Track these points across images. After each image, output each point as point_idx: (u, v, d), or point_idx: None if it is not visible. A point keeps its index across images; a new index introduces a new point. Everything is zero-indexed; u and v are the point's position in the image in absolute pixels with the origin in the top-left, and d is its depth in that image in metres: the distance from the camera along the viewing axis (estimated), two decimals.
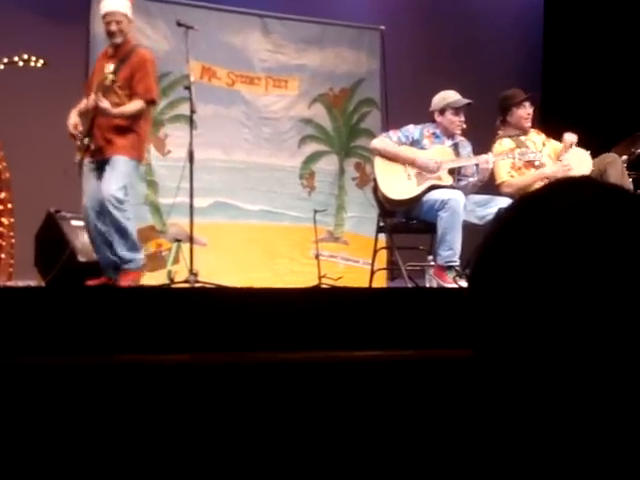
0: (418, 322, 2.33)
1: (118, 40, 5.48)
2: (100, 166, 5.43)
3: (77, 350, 1.95)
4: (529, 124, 5.96)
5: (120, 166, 5.39)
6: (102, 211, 5.34)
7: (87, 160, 5.46)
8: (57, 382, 1.91)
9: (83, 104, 5.55)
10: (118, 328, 2.05)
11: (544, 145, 5.96)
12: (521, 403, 0.77)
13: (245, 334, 2.05)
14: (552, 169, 5.77)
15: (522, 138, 5.94)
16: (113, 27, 5.45)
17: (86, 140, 5.44)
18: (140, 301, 2.25)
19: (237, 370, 1.96)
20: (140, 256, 5.53)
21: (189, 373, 1.93)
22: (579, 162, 5.78)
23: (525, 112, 5.90)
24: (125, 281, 5.32)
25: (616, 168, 5.74)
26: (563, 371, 0.74)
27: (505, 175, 5.79)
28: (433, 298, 2.69)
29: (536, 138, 5.98)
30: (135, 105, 5.43)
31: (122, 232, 5.32)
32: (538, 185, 5.68)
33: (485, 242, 0.85)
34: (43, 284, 5.58)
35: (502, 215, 0.87)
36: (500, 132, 6.00)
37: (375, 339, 2.17)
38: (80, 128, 5.44)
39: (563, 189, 0.83)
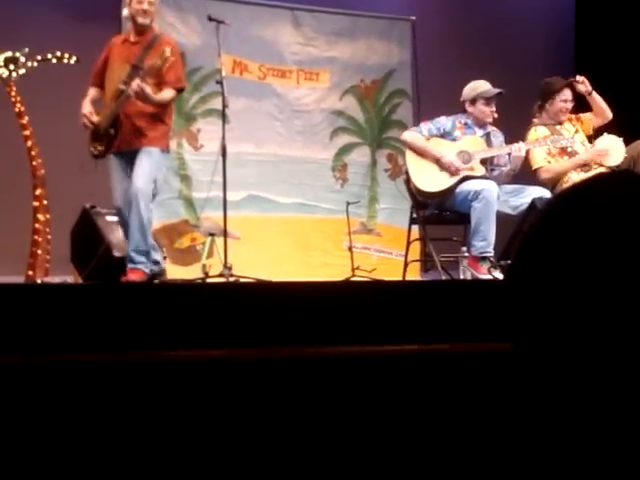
0: (453, 316, 2.33)
1: (147, 21, 5.34)
2: (130, 159, 5.29)
3: (112, 347, 1.98)
4: (565, 117, 5.94)
5: (154, 158, 5.27)
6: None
7: (113, 153, 5.32)
8: (98, 379, 1.93)
9: (95, 93, 5.42)
10: (152, 324, 2.07)
11: (577, 132, 5.95)
12: (561, 397, 0.77)
13: (277, 329, 2.06)
14: (587, 155, 5.80)
15: (557, 127, 5.92)
16: (146, 6, 5.30)
17: (112, 131, 5.27)
18: (175, 297, 2.27)
19: (272, 365, 1.97)
20: (158, 257, 5.42)
21: (224, 369, 1.94)
22: (613, 149, 5.78)
23: (565, 106, 5.89)
24: (131, 277, 5.18)
25: None
26: (602, 365, 0.74)
27: (542, 161, 5.81)
28: (469, 291, 2.68)
29: (569, 126, 5.97)
30: (169, 93, 5.31)
31: (144, 229, 5.20)
32: (575, 171, 5.71)
33: (526, 236, 0.85)
34: (80, 280, 5.63)
35: (543, 208, 0.87)
36: (535, 120, 5.99)
37: (410, 333, 2.17)
38: (95, 118, 5.31)
39: (603, 183, 0.82)
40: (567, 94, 5.92)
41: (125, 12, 5.60)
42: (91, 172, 5.37)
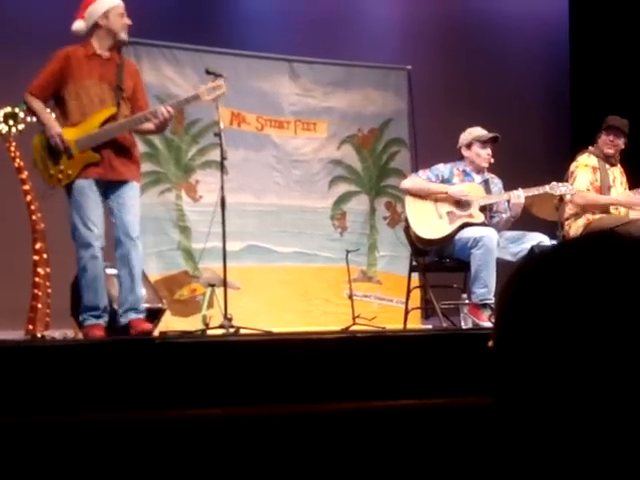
0: (456, 367, 2.32)
1: (126, 37, 5.02)
2: (106, 189, 4.86)
3: (113, 406, 1.97)
4: (611, 151, 6.05)
5: (138, 196, 4.97)
6: (118, 248, 4.80)
7: (88, 179, 4.81)
8: (94, 439, 1.91)
9: (43, 106, 4.86)
10: (153, 382, 2.06)
11: (621, 184, 6.08)
12: (541, 454, 0.77)
13: (277, 387, 2.05)
14: (624, 199, 5.94)
15: (607, 166, 6.02)
16: (128, 20, 4.96)
17: (96, 156, 4.79)
18: (174, 353, 2.27)
19: (273, 422, 1.96)
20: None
21: (222, 427, 1.93)
22: None
23: (609, 144, 5.99)
24: (143, 327, 4.91)
25: None
26: (586, 424, 0.75)
27: (583, 186, 5.90)
28: (472, 341, 2.68)
29: (617, 173, 6.09)
30: (150, 125, 4.97)
31: (141, 275, 4.99)
32: (591, 213, 5.82)
33: (507, 293, 0.85)
34: (80, 334, 5.60)
35: (522, 266, 0.87)
36: (591, 147, 6.12)
37: (411, 386, 2.16)
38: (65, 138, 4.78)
39: (586, 244, 0.83)
40: (612, 137, 6.02)
41: (80, 24, 4.96)
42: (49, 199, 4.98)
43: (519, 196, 5.62)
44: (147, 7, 7.59)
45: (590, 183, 5.96)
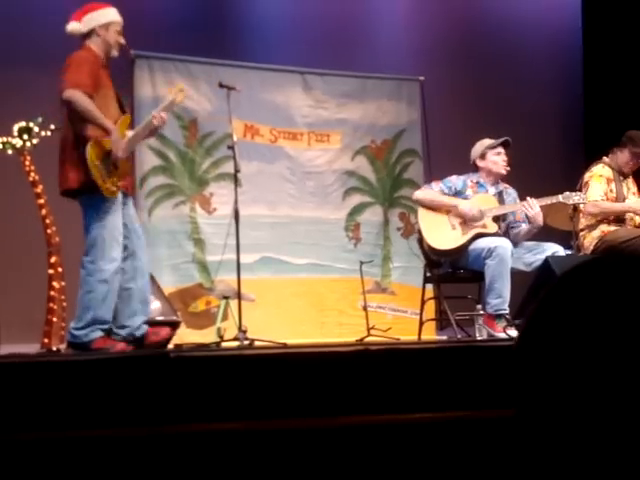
0: (472, 380, 2.31)
1: (117, 55, 4.98)
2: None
3: (128, 421, 1.97)
4: (630, 172, 6.08)
5: None
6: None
7: (121, 191, 4.82)
8: (110, 454, 1.92)
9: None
10: (167, 397, 2.06)
11: (634, 195, 6.07)
12: (562, 463, 0.78)
13: (289, 399, 2.05)
14: (638, 206, 5.89)
15: (620, 177, 6.00)
16: (123, 40, 4.97)
17: (114, 165, 4.74)
18: (189, 367, 2.27)
19: (286, 436, 1.96)
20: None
21: (238, 441, 1.93)
22: None
23: (630, 161, 5.99)
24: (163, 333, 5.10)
25: None
26: (602, 434, 0.76)
27: (597, 196, 5.88)
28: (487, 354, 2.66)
29: (631, 185, 6.07)
30: None
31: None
32: (606, 223, 5.79)
33: (534, 308, 0.87)
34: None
35: (547, 289, 0.88)
36: (606, 158, 6.10)
37: (425, 400, 2.16)
38: None
39: (602, 266, 0.84)
40: (635, 161, 6.01)
41: (77, 26, 4.90)
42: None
43: (533, 205, 5.58)
44: (161, 21, 7.65)
45: (604, 194, 5.94)
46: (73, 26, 4.91)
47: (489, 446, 2.03)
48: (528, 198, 5.62)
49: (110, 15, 4.95)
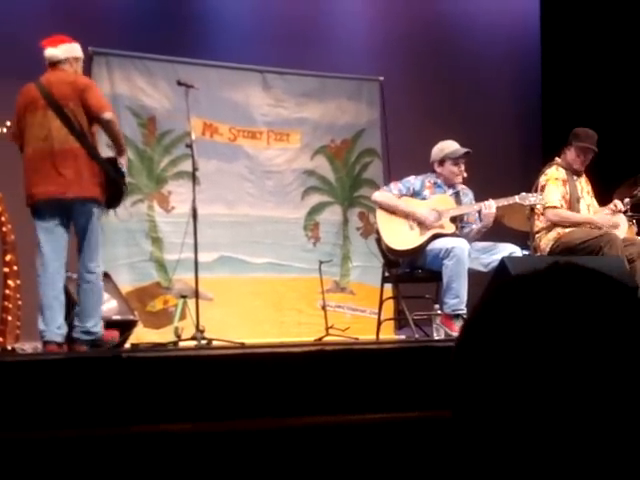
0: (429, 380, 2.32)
1: None
2: None
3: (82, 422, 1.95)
4: (581, 168, 6.07)
5: None
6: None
7: None
8: (62, 455, 1.90)
9: None
10: (123, 397, 2.04)
11: (588, 194, 6.07)
12: (496, 466, 0.79)
13: (246, 399, 2.04)
14: (602, 220, 5.90)
15: (574, 177, 6.02)
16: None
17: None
18: (142, 368, 2.25)
19: (243, 437, 1.95)
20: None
21: (191, 442, 1.92)
22: (622, 225, 5.98)
23: (577, 157, 5.99)
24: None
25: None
26: (539, 436, 0.77)
27: (557, 202, 5.92)
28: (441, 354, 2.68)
29: (584, 184, 6.10)
30: None
31: None
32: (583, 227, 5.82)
33: (472, 316, 0.89)
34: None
35: (484, 296, 0.90)
36: (558, 159, 6.10)
37: (384, 399, 2.16)
38: None
39: (543, 273, 0.86)
40: (582, 158, 6.01)
41: (57, 53, 5.21)
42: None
43: (490, 206, 5.63)
44: (119, 18, 7.58)
45: (562, 197, 5.97)
46: (52, 52, 5.21)
47: (446, 446, 2.04)
48: (487, 200, 5.67)
49: (80, 51, 5.31)
